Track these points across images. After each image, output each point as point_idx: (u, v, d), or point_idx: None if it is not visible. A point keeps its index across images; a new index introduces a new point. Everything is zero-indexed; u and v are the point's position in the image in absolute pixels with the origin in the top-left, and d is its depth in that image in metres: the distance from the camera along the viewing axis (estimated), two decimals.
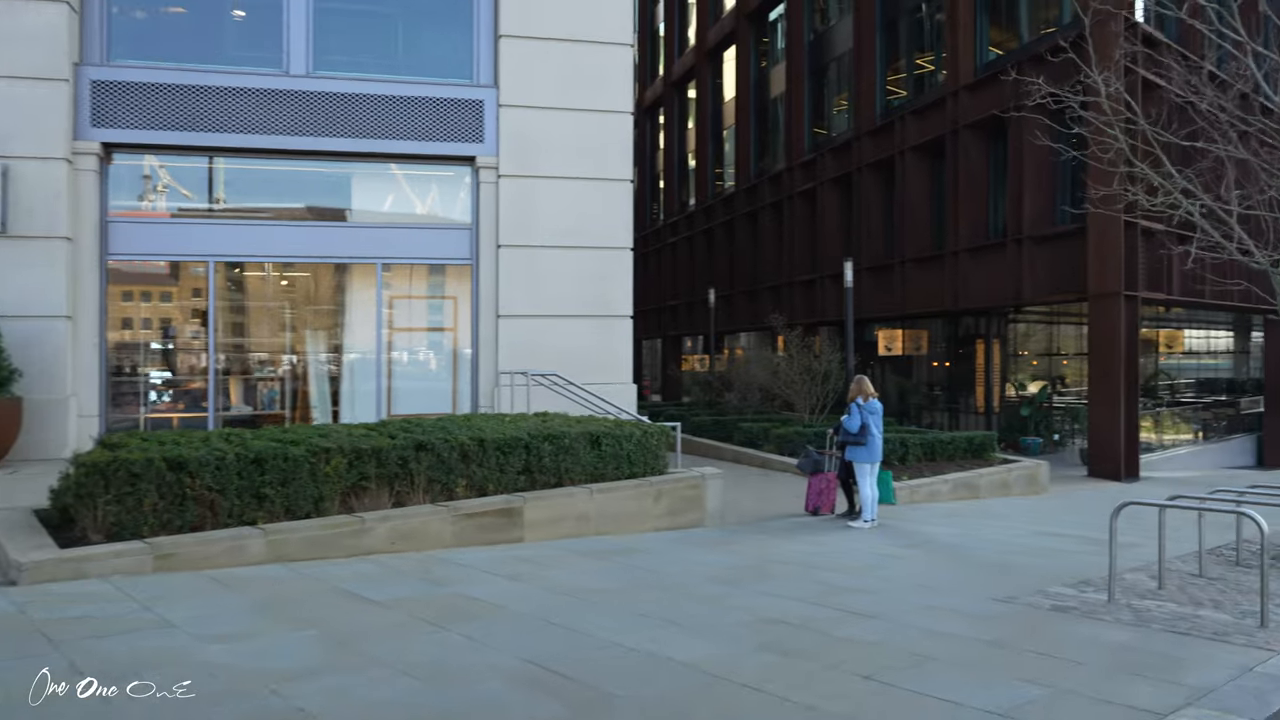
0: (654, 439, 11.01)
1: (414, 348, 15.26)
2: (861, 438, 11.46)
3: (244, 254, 14.26)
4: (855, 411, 11.53)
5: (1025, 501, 14.90)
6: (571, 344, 14.57)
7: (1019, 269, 21.42)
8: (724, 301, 34.99)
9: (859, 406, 11.56)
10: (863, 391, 11.68)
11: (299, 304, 15.31)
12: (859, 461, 11.59)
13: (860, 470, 11.61)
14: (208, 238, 13.94)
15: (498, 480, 9.71)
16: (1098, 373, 19.58)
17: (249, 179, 14.31)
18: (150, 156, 13.85)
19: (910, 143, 25.01)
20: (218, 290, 14.15)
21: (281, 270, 15.05)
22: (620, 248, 14.86)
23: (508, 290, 14.40)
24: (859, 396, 11.66)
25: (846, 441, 11.67)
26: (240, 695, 4.83)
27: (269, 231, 14.17)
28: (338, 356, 15.01)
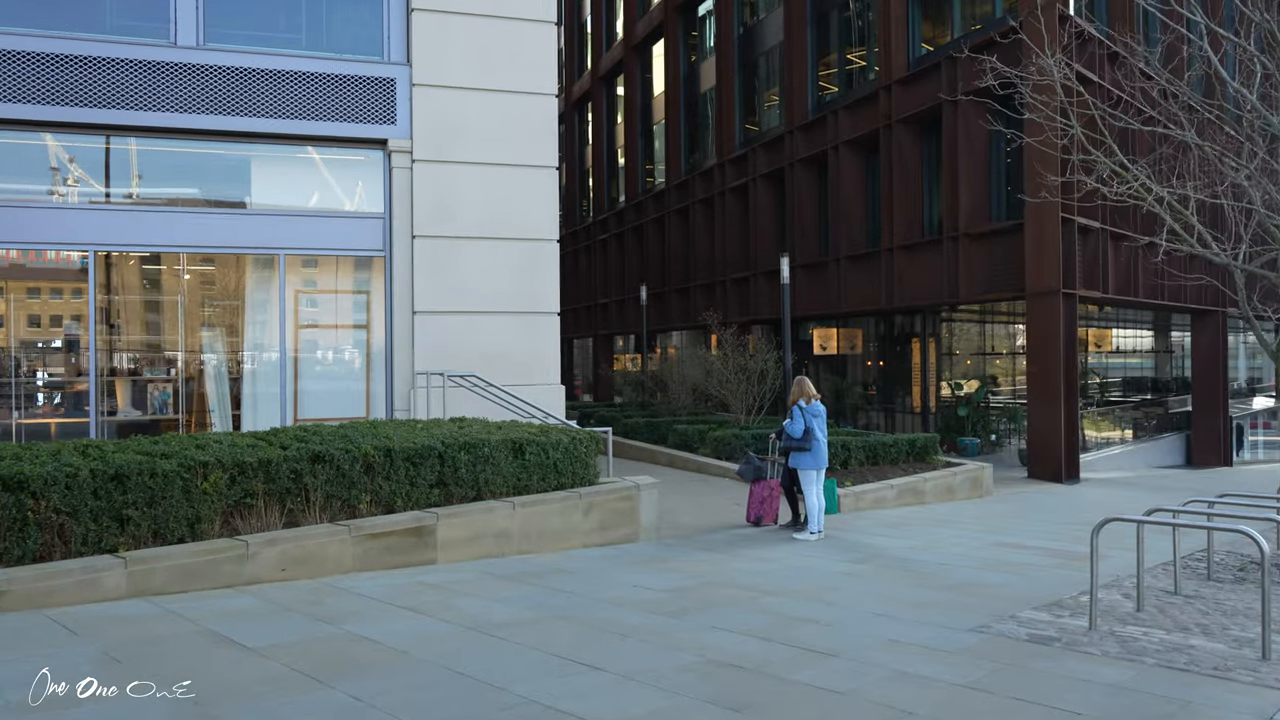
0: (583, 446, 9.98)
1: (324, 347, 13.99)
2: (805, 443, 10.59)
3: (130, 243, 12.84)
4: (797, 415, 10.65)
5: (972, 506, 14.23)
6: (495, 343, 13.46)
7: (955, 267, 20.89)
8: (656, 299, 34.10)
9: (801, 409, 10.69)
10: (804, 393, 10.82)
11: (194, 298, 13.93)
12: (803, 469, 10.71)
13: (805, 478, 10.73)
14: (88, 225, 12.48)
15: (407, 495, 8.59)
16: (1036, 372, 19.11)
17: (135, 161, 12.90)
18: (16, 134, 12.37)
19: (844, 137, 24.38)
20: (100, 283, 12.72)
21: (174, 262, 13.65)
22: (546, 239, 13.79)
23: (424, 284, 13.23)
24: (801, 399, 10.80)
25: (790, 447, 10.79)
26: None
27: (159, 219, 12.77)
28: (238, 356, 13.66)
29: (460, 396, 12.73)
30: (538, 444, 9.51)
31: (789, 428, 10.68)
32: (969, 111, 20.71)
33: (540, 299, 13.79)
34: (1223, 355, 26.62)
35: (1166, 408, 28.00)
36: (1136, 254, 22.09)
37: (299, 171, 13.58)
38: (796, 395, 10.81)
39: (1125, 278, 21.61)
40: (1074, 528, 12.20)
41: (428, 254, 13.31)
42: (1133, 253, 21.90)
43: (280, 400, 13.17)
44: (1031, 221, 18.97)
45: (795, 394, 10.83)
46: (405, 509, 8.55)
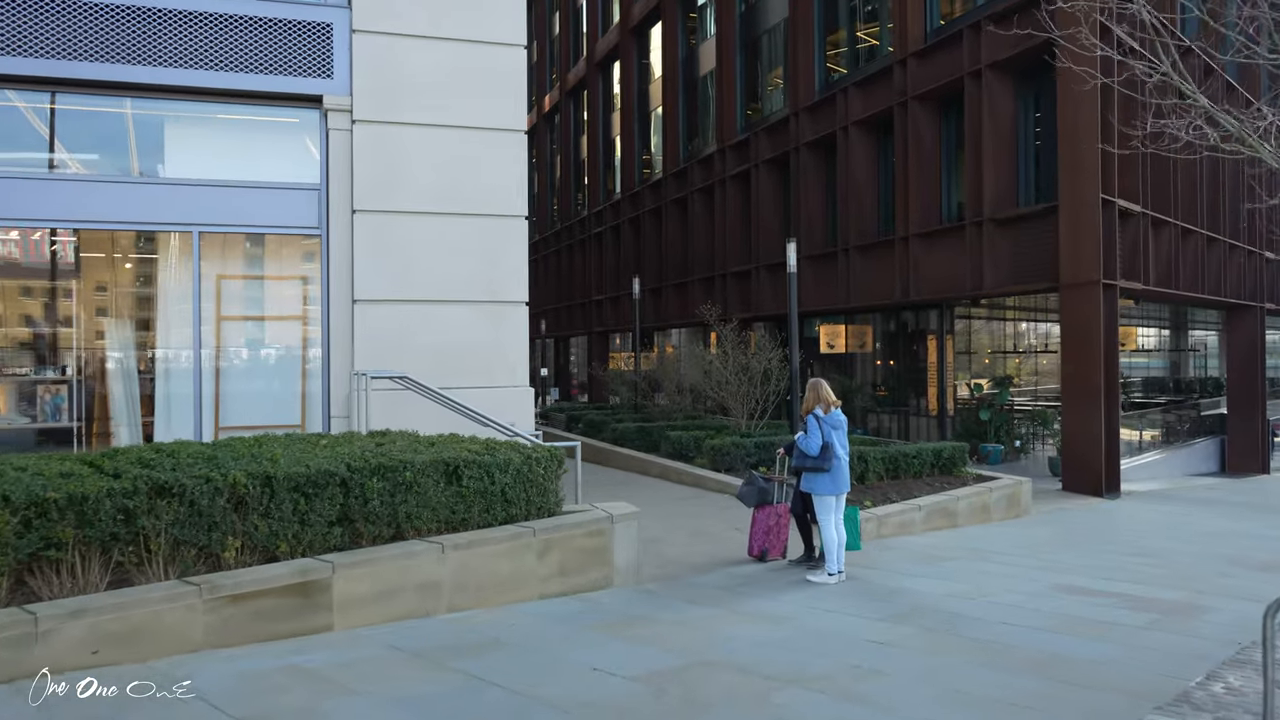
0: (541, 466, 7.70)
1: (253, 342, 11.72)
2: (823, 462, 8.30)
3: (13, 218, 10.59)
4: (813, 427, 8.37)
5: (1012, 529, 11.93)
6: (450, 337, 11.19)
7: (978, 256, 18.58)
8: (653, 295, 31.83)
9: (818, 420, 8.41)
10: (821, 399, 8.53)
11: (93, 285, 11.66)
12: (820, 494, 8.43)
13: (822, 506, 8.45)
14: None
15: (296, 537, 6.32)
16: (1072, 373, 16.80)
17: (17, 120, 10.64)
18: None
19: (854, 117, 22.07)
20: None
21: (68, 240, 11.39)
22: (512, 215, 11.52)
23: (366, 268, 10.96)
24: (817, 406, 8.52)
25: (803, 467, 8.50)
26: None
27: (47, 189, 10.51)
28: (150, 353, 11.41)
29: (408, 402, 10.48)
30: (479, 465, 7.23)
31: (802, 443, 8.40)
32: (994, 85, 18.42)
33: (505, 286, 11.52)
34: (1260, 354, 24.29)
35: (1198, 410, 25.68)
36: (1177, 242, 19.78)
37: (219, 135, 11.30)
38: (811, 402, 8.52)
39: (1166, 268, 19.30)
40: (1141, 561, 9.90)
41: (370, 232, 11.05)
42: (1174, 240, 19.59)
43: (195, 405, 10.91)
44: (1067, 204, 16.66)
45: (810, 400, 8.54)
46: (293, 555, 6.29)
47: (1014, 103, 18.65)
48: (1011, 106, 18.62)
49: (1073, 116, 16.58)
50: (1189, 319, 28.31)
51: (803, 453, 8.40)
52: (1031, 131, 18.79)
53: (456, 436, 8.27)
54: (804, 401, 8.60)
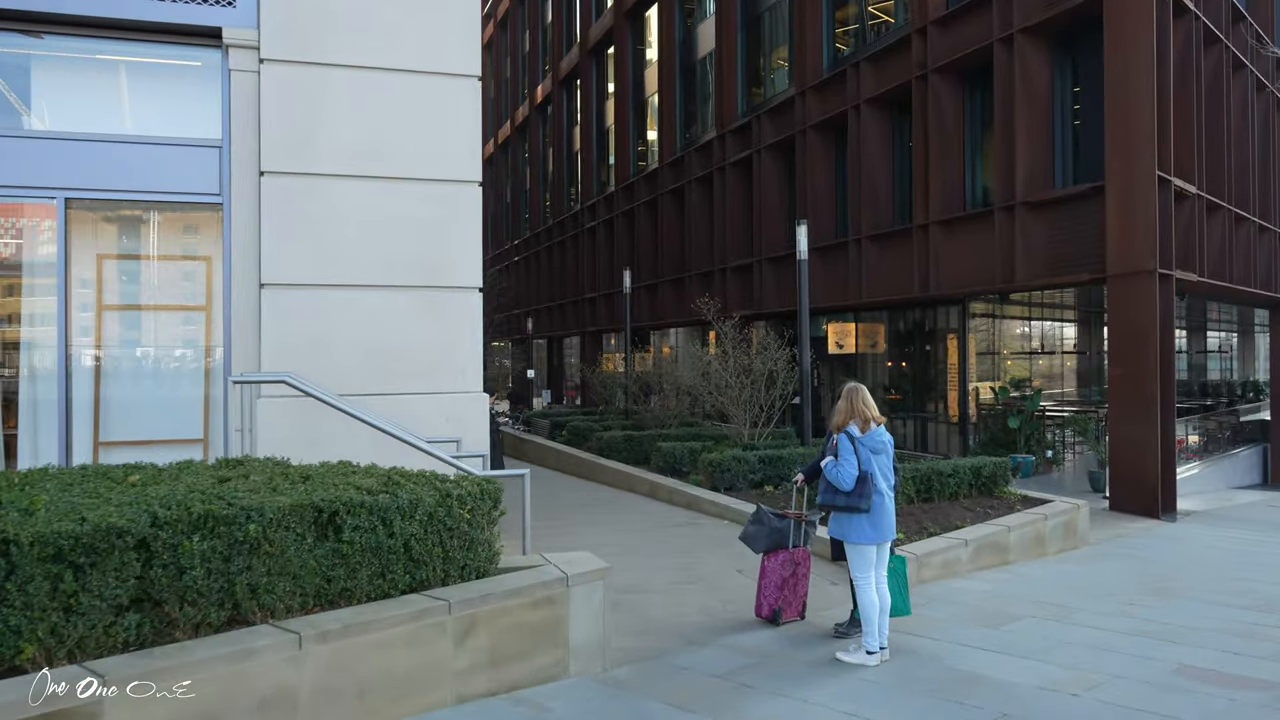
0: (467, 508, 5.33)
1: (143, 337, 9.38)
2: (859, 500, 5.95)
3: None
4: (846, 450, 6.02)
5: (1076, 568, 9.55)
6: (383, 331, 8.85)
7: (1009, 244, 16.23)
8: (648, 293, 29.49)
9: (853, 441, 6.06)
10: (859, 412, 6.18)
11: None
12: (856, 543, 6.07)
13: (858, 559, 6.10)
14: None
15: (57, 633, 3.97)
16: (1122, 376, 14.43)
17: None
18: None
19: (866, 95, 19.71)
20: None
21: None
22: (462, 180, 9.16)
23: (277, 245, 8.62)
24: (852, 421, 6.17)
25: (832, 506, 6.14)
26: None
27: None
28: (13, 351, 9.07)
29: (329, 415, 8.15)
30: (370, 509, 4.88)
31: (831, 472, 6.04)
32: (1028, 51, 16.08)
33: (453, 267, 9.17)
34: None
35: (1237, 416, 23.31)
36: (1230, 229, 17.44)
37: (98, 79, 8.96)
38: (845, 415, 6.16)
39: (1218, 259, 16.95)
40: (1266, 616, 7.54)
41: (282, 199, 8.71)
42: (1227, 227, 17.25)
43: (59, 415, 8.61)
44: (1116, 182, 14.31)
45: (843, 413, 6.18)
46: (50, 663, 3.94)
47: (1050, 71, 16.30)
48: (1047, 76, 16.28)
49: (1123, 82, 14.24)
50: (1206, 319, 25.97)
51: (831, 486, 6.06)
52: (1070, 103, 16.43)
53: (349, 466, 5.91)
54: (834, 414, 6.23)
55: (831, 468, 5.99)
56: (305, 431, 8.33)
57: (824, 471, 6.09)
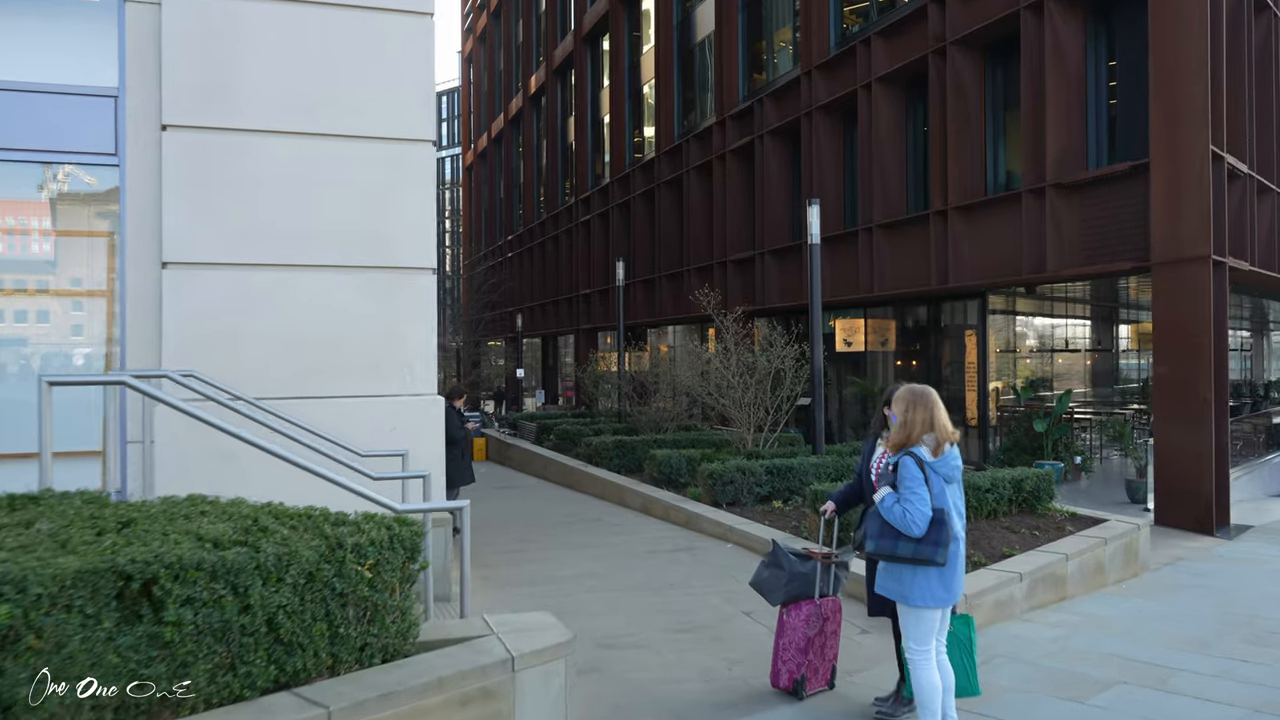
0: (367, 562, 3.69)
1: (29, 331, 7.77)
2: (935, 550, 4.29)
3: None
4: (915, 478, 4.35)
5: (1148, 605, 7.90)
6: (315, 320, 7.24)
7: (1040, 230, 14.58)
8: (645, 288, 27.86)
9: (923, 466, 4.41)
10: (929, 424, 4.51)
11: None
12: (919, 605, 4.40)
13: (917, 626, 4.42)
14: None
15: None
16: (1168, 376, 12.78)
17: None
18: None
19: (878, 73, 18.06)
20: None
21: None
22: (414, 139, 7.53)
23: (183, 214, 7.00)
24: (924, 438, 4.51)
25: (888, 555, 4.44)
26: None
27: None
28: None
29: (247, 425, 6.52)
30: (210, 573, 3.23)
31: (896, 512, 4.31)
32: (1060, 20, 14.43)
33: (401, 243, 7.56)
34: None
35: (1270, 419, 21.66)
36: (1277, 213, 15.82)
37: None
38: (915, 427, 4.47)
39: (1267, 246, 15.32)
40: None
41: (189, 158, 7.09)
42: (1277, 211, 15.63)
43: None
44: (1163, 160, 12.67)
45: (911, 426, 4.48)
46: None
47: (1084, 42, 14.65)
48: (1080, 47, 14.63)
49: (1172, 50, 12.61)
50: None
51: (891, 529, 4.38)
52: (1105, 76, 14.79)
53: (200, 501, 4.27)
54: (899, 426, 4.51)
55: (891, 505, 4.33)
56: (217, 444, 6.68)
57: (879, 509, 4.41)
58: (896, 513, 4.29)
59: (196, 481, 6.92)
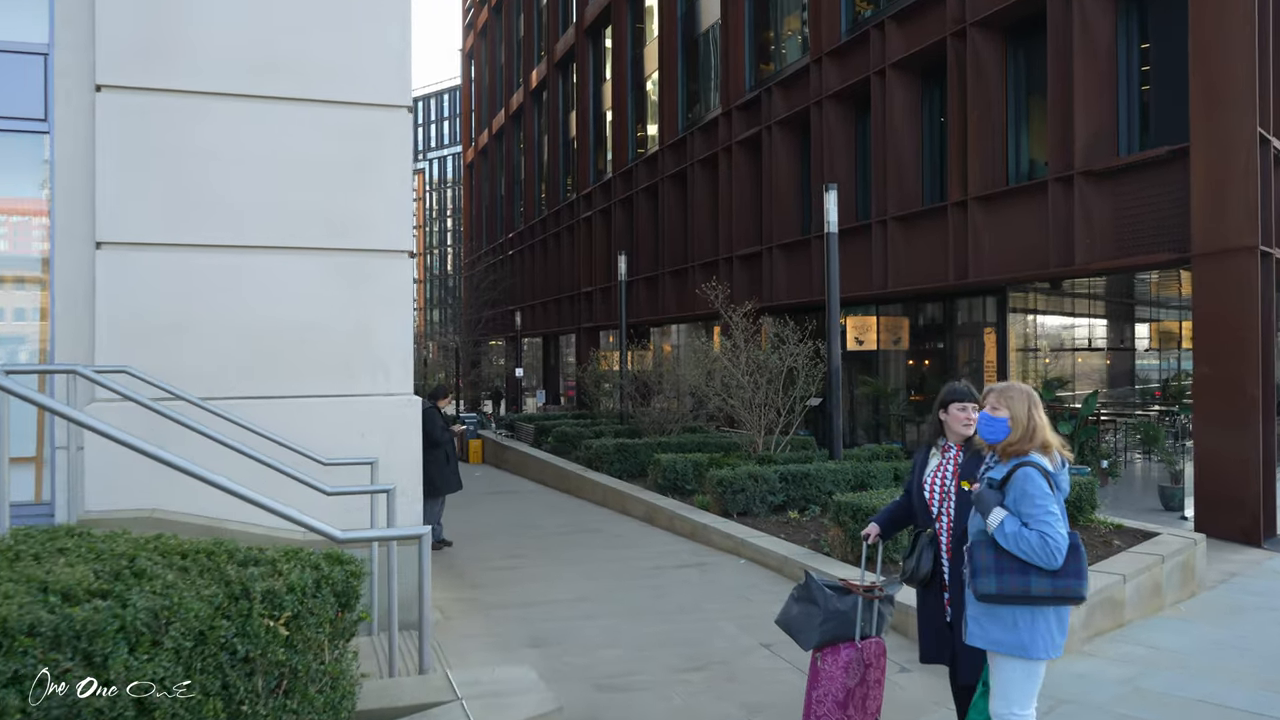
0: (282, 615, 2.78)
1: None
2: (1079, 583, 3.35)
3: None
4: (1043, 493, 3.40)
5: (1220, 636, 6.95)
6: (275, 312, 6.32)
7: (1067, 221, 13.63)
8: (648, 286, 26.94)
9: (1049, 477, 3.47)
10: (1045, 423, 3.57)
11: None
12: (1042, 657, 3.43)
13: (1026, 681, 3.46)
14: None
15: None
16: (1210, 375, 11.84)
17: None
18: None
19: (892, 58, 17.12)
20: None
21: None
22: (390, 105, 6.61)
23: (121, 189, 6.08)
24: (1041, 440, 3.55)
25: (1023, 597, 3.38)
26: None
27: None
28: None
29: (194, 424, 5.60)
30: (50, 639, 2.31)
31: (1027, 541, 3.36)
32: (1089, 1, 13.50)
33: (374, 223, 6.62)
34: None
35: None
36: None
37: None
38: (1034, 430, 3.56)
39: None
40: None
41: (128, 125, 6.16)
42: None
43: None
44: (1204, 144, 11.72)
45: (1033, 426, 3.57)
46: None
47: (1114, 20, 13.71)
48: (1111, 25, 13.69)
49: (1212, 24, 11.67)
50: None
51: (1014, 561, 3.36)
52: (1137, 57, 13.83)
53: (72, 537, 3.33)
54: (1018, 429, 3.51)
55: (1017, 531, 3.36)
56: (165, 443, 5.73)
57: (999, 538, 3.43)
58: (1030, 540, 3.34)
59: (136, 494, 6.01)
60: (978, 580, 3.39)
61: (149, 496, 5.85)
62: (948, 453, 4.32)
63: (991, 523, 3.43)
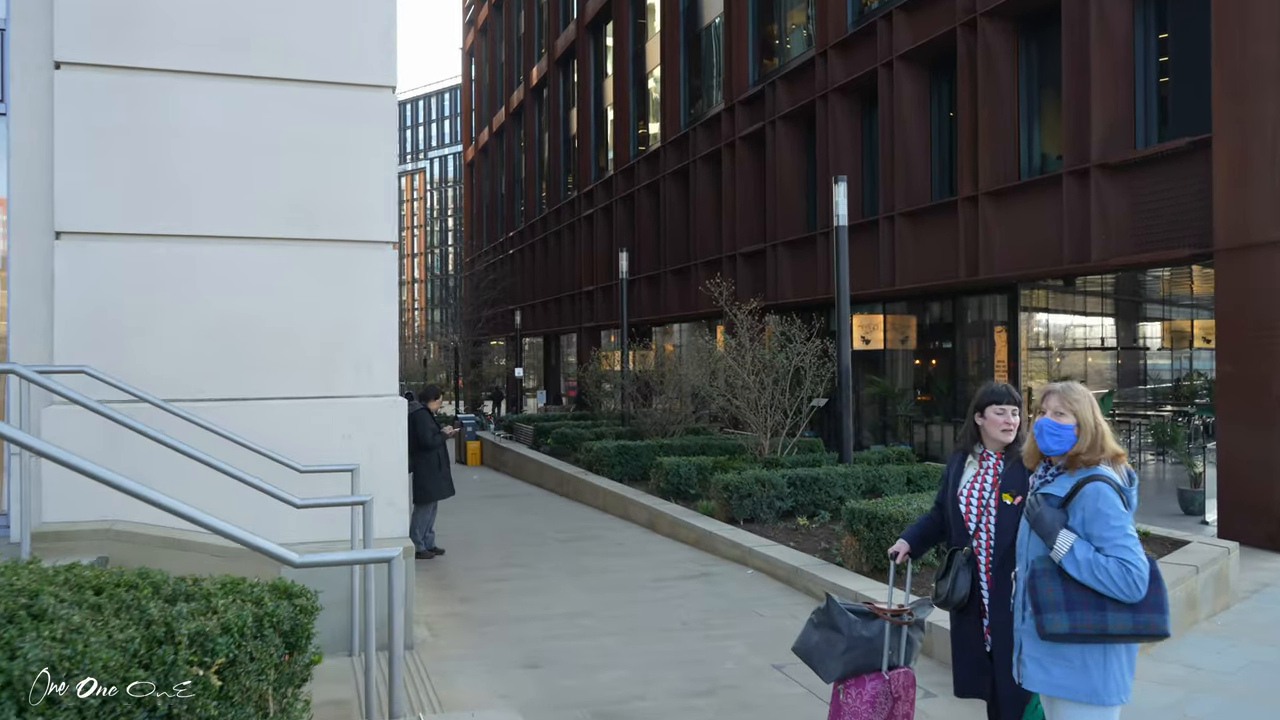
0: (213, 663, 2.32)
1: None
2: (1160, 616, 2.87)
3: None
4: (1118, 512, 2.97)
5: (1261, 652, 6.47)
6: (248, 307, 5.86)
7: (1082, 215, 13.16)
8: (650, 285, 26.49)
9: (1124, 495, 3.02)
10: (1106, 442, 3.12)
11: None
12: (1116, 703, 2.96)
13: None
14: None
15: None
16: (1234, 374, 11.36)
17: None
18: None
19: (900, 49, 16.66)
20: None
21: None
22: (372, 85, 6.15)
23: (82, 174, 5.63)
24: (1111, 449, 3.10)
25: (1100, 635, 2.88)
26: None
27: None
28: None
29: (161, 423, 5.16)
30: None
31: (1104, 570, 2.87)
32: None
33: (356, 212, 6.16)
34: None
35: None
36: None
37: None
38: (1102, 438, 3.10)
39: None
40: None
41: (91, 106, 5.71)
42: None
43: None
44: (1227, 134, 11.24)
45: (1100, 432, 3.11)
46: None
47: (1131, 10, 13.24)
48: (1128, 13, 13.22)
49: (1237, 11, 11.20)
50: None
51: (1087, 593, 2.86)
52: (1156, 45, 13.36)
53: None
54: (1085, 435, 3.09)
55: (1091, 558, 2.88)
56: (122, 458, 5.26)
57: (1067, 566, 2.93)
58: (1109, 569, 2.86)
59: (96, 504, 5.54)
60: (1046, 617, 2.91)
61: (110, 507, 5.39)
62: (986, 461, 3.85)
63: (1059, 549, 2.95)
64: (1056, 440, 3.08)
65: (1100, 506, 2.93)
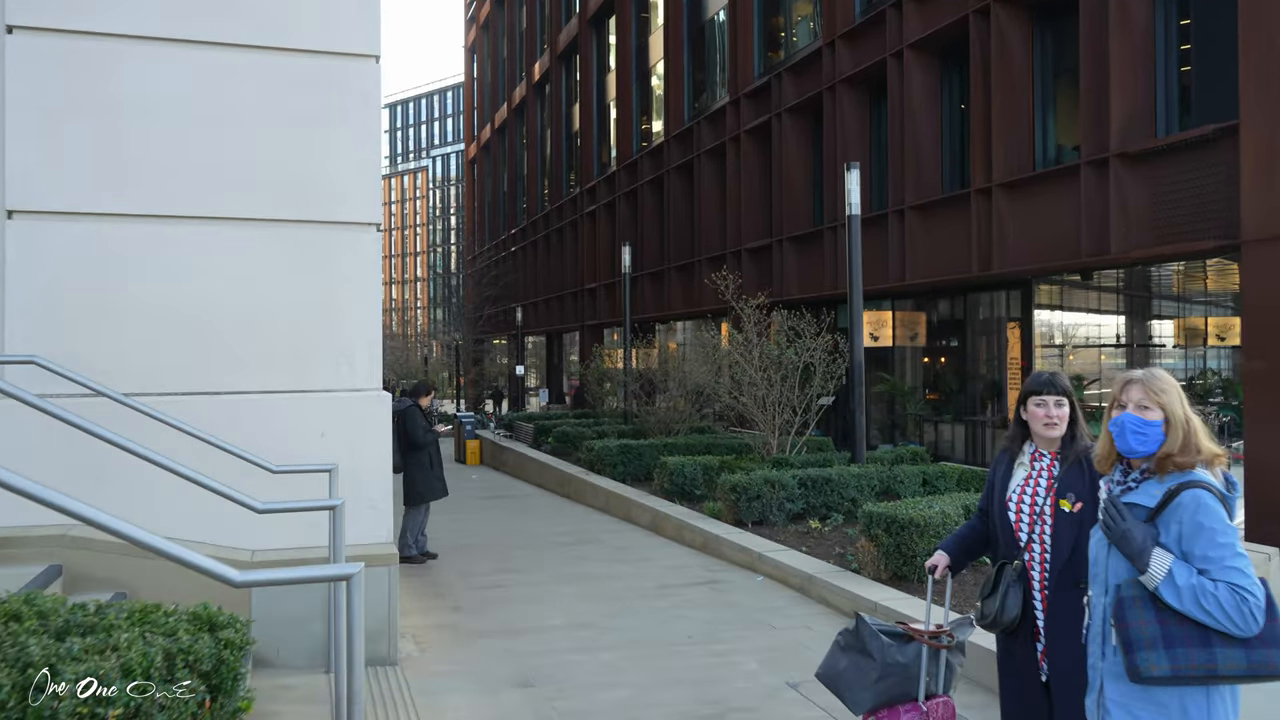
0: (115, 705, 1.86)
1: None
2: (1274, 655, 2.34)
3: None
4: (1225, 528, 2.44)
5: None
6: (218, 293, 5.38)
7: (1102, 207, 12.66)
8: (653, 281, 26.01)
9: (1228, 505, 2.50)
10: (1201, 442, 2.56)
11: None
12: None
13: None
14: None
15: None
16: (1264, 372, 10.87)
17: None
18: None
19: (910, 39, 16.16)
20: None
21: None
22: (354, 53, 5.68)
23: (35, 148, 5.16)
24: (1202, 449, 2.55)
25: (1187, 676, 2.36)
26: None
27: None
28: None
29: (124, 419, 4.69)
30: None
31: (1214, 598, 2.35)
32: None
33: (335, 191, 5.68)
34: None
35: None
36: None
37: None
38: (1197, 437, 2.55)
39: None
40: None
41: (45, 72, 5.24)
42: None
43: None
44: (1255, 120, 10.74)
45: (1193, 429, 2.56)
46: None
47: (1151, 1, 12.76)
48: (1148, 1, 12.73)
49: None
50: None
51: (1190, 626, 2.38)
52: (1177, 32, 12.86)
53: None
54: (1180, 436, 2.54)
55: (1196, 584, 2.38)
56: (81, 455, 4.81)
57: (1164, 591, 2.40)
58: (1219, 597, 2.35)
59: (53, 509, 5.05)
60: (1140, 656, 2.41)
61: None
62: (1038, 462, 3.36)
63: (1155, 572, 2.44)
64: (1141, 440, 2.55)
65: (1202, 519, 2.43)
